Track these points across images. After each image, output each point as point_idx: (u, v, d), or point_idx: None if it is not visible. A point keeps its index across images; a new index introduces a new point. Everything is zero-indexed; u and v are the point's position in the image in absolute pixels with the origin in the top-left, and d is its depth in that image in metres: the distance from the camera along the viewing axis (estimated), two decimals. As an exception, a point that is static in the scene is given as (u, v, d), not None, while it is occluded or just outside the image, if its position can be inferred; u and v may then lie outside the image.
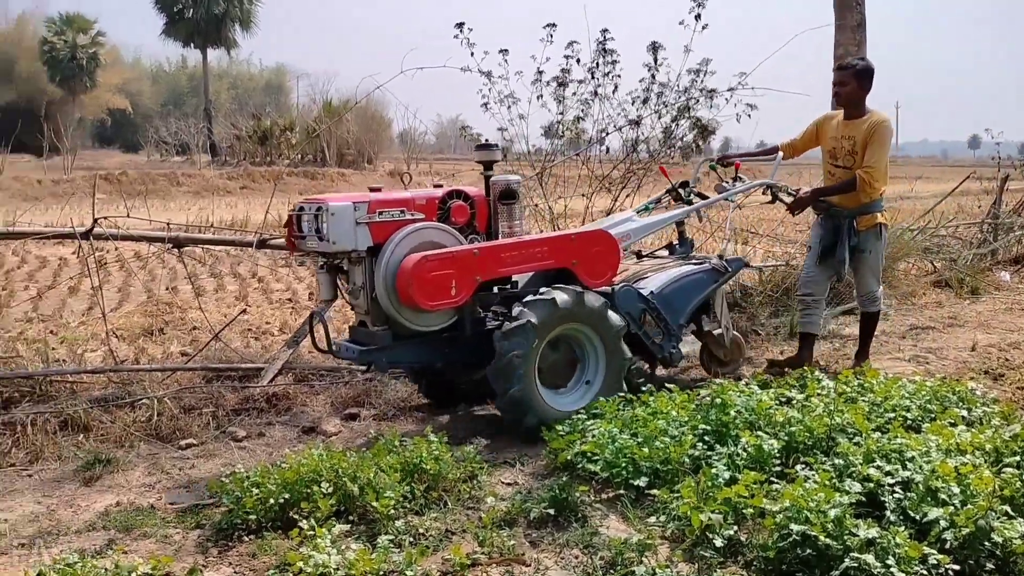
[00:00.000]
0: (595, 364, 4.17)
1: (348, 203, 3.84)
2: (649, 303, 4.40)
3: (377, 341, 3.98)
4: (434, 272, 3.80)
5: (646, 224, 4.77)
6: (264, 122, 32.55)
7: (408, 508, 3.18)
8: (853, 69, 4.94)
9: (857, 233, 4.95)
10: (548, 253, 4.14)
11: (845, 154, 4.96)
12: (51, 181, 23.79)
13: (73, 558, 2.62)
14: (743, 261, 5.07)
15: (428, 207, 4.04)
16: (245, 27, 42.65)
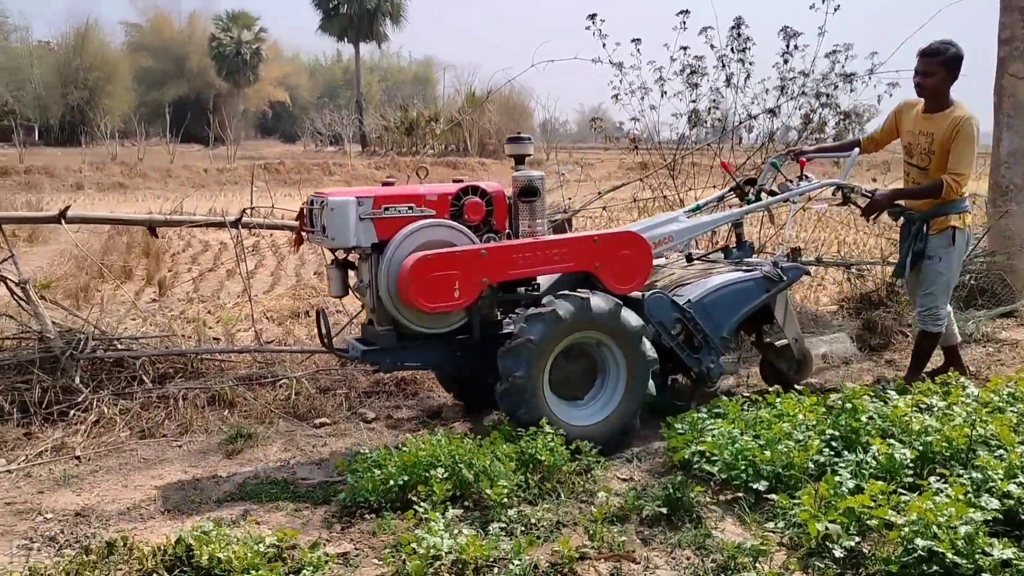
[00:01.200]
0: (615, 371, 3.86)
1: (349, 198, 3.68)
2: (685, 312, 4.06)
3: (382, 341, 3.81)
4: (435, 272, 3.60)
5: (693, 225, 4.38)
6: (411, 113, 33.51)
7: (521, 498, 3.23)
8: (942, 57, 4.32)
9: (925, 237, 4.46)
10: (567, 255, 3.86)
11: (921, 152, 4.45)
12: (216, 170, 25.44)
13: (208, 526, 2.82)
14: (802, 269, 4.54)
15: (440, 203, 3.82)
16: (395, 21, 44.09)
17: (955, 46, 4.36)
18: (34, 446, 3.97)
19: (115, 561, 2.73)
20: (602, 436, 3.73)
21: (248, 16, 47.03)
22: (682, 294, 4.15)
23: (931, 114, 4.40)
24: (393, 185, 3.95)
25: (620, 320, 3.77)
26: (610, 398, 3.85)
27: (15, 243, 9.62)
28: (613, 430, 3.81)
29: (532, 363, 3.61)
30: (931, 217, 4.44)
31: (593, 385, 3.90)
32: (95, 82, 40.54)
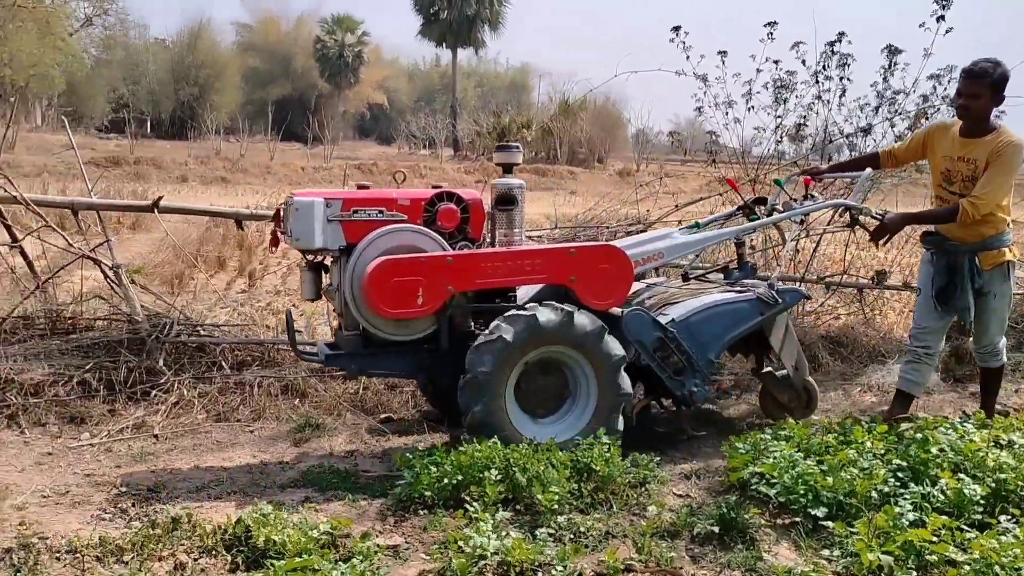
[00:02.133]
0: (585, 396, 3.73)
1: (316, 199, 3.62)
2: (667, 332, 3.87)
3: (347, 347, 3.78)
4: (397, 278, 3.53)
5: (686, 243, 4.16)
6: (503, 119, 33.81)
7: (573, 505, 3.23)
8: (989, 79, 3.98)
9: (981, 273, 4.14)
10: (540, 267, 3.74)
11: (963, 180, 4.11)
12: (312, 168, 26.20)
13: (267, 509, 2.93)
14: (801, 292, 4.36)
15: (412, 209, 3.75)
16: (494, 28, 44.54)
17: (1002, 66, 4.05)
18: (116, 423, 4.20)
19: (178, 536, 2.86)
20: None
21: (352, 20, 48.33)
22: (667, 313, 3.97)
23: (972, 139, 4.07)
24: (368, 189, 3.88)
25: (601, 344, 3.65)
26: (574, 423, 3.72)
27: (120, 230, 10.17)
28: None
29: (499, 362, 3.54)
30: (980, 251, 4.14)
31: (562, 405, 3.79)
32: (205, 79, 42.34)
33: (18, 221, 6.10)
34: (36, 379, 4.33)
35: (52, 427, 4.14)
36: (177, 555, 2.76)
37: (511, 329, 3.55)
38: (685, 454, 4.06)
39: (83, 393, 4.37)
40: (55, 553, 2.75)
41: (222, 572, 2.69)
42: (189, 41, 43.51)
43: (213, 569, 2.70)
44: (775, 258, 6.34)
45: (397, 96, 54.51)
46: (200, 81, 42.08)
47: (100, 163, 20.29)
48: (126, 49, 40.69)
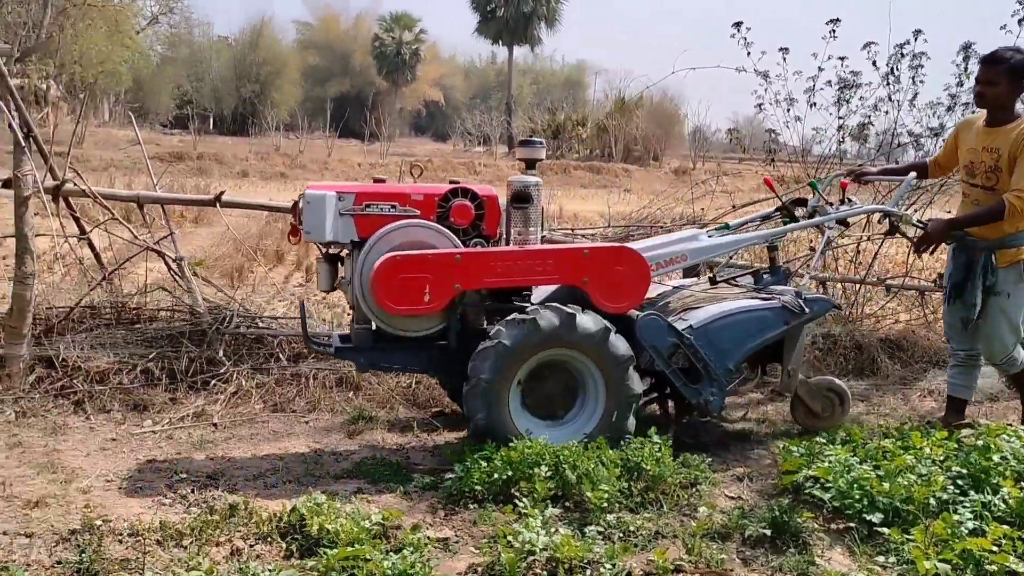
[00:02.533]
0: (593, 397, 3.66)
1: (327, 192, 3.63)
2: (683, 338, 3.74)
3: (357, 340, 3.78)
4: (404, 274, 3.51)
5: (710, 246, 4.06)
6: (558, 117, 33.76)
7: (622, 504, 3.23)
8: (1006, 64, 3.88)
9: (995, 271, 3.95)
10: (553, 267, 3.69)
11: (986, 171, 3.99)
12: (369, 164, 26.51)
13: (321, 498, 2.99)
14: (830, 302, 4.18)
15: (426, 204, 3.71)
16: (550, 25, 44.53)
17: (1021, 52, 3.94)
18: (177, 411, 4.32)
19: (236, 522, 2.94)
20: None
21: (410, 17, 48.75)
22: (686, 318, 3.84)
23: (995, 128, 3.95)
24: (384, 183, 3.87)
25: (606, 345, 3.56)
26: (584, 424, 3.66)
27: (183, 224, 10.44)
28: None
29: (500, 368, 3.48)
30: (998, 247, 3.95)
31: (572, 407, 3.72)
32: (266, 77, 43.16)
33: (86, 214, 6.31)
34: (101, 367, 4.49)
35: (116, 414, 4.28)
36: (234, 541, 2.84)
37: (511, 334, 3.49)
38: (737, 456, 4.02)
39: (146, 381, 4.50)
40: (118, 536, 2.84)
41: (277, 559, 2.75)
42: (251, 39, 44.39)
43: (268, 555, 2.77)
44: (835, 260, 6.22)
45: (453, 93, 54.83)
46: (261, 78, 42.90)
47: (164, 158, 20.80)
48: (190, 47, 41.71)
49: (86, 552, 2.62)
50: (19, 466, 3.58)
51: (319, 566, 2.61)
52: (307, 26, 52.74)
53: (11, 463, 3.62)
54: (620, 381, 3.61)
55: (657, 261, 3.90)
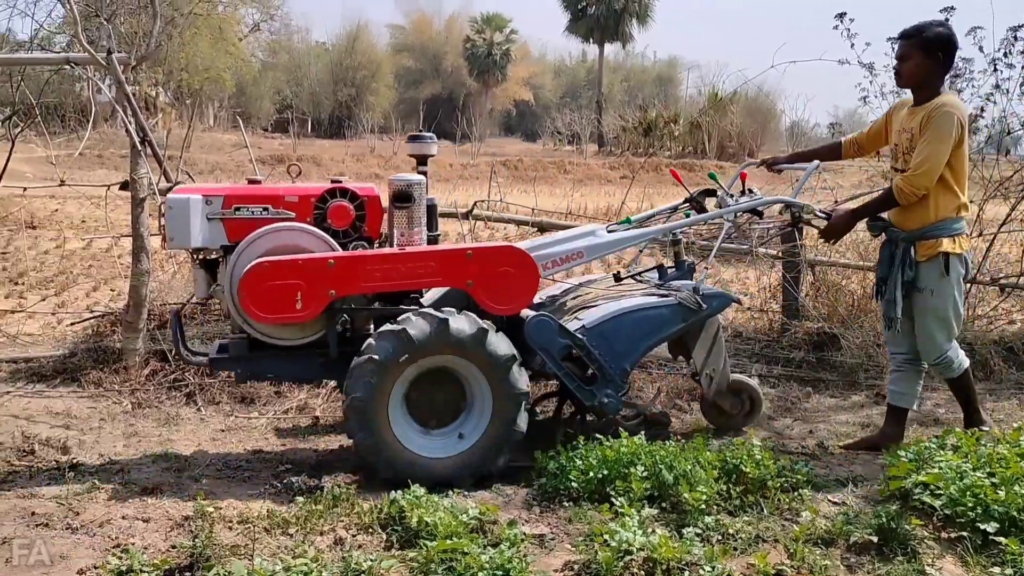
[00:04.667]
0: (480, 401, 3.47)
1: (192, 196, 3.44)
2: (575, 339, 3.58)
3: (234, 350, 3.60)
4: (273, 281, 3.32)
5: (607, 242, 3.87)
6: (650, 114, 33.41)
7: (721, 507, 3.18)
8: (918, 37, 3.68)
9: (913, 265, 3.73)
10: (435, 270, 3.49)
11: (902, 152, 3.77)
12: (460, 165, 26.83)
13: (420, 492, 3.05)
14: (729, 297, 3.95)
15: (301, 206, 3.53)
16: (641, 22, 44.08)
17: (939, 27, 3.71)
18: (282, 404, 4.47)
19: (338, 513, 3.03)
20: (456, 471, 3.41)
21: (501, 18, 49.05)
22: (580, 318, 3.69)
23: (916, 108, 3.74)
24: (259, 184, 3.70)
25: (485, 346, 3.37)
26: (473, 430, 3.48)
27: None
28: (470, 466, 3.43)
29: (374, 385, 3.30)
30: (917, 239, 3.73)
31: (459, 413, 3.54)
32: (361, 80, 44.17)
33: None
34: (211, 361, 4.68)
35: (225, 406, 4.47)
36: (337, 530, 2.92)
37: (381, 347, 3.31)
38: (839, 460, 3.91)
39: (252, 375, 4.67)
40: (228, 523, 2.96)
41: (378, 549, 2.81)
42: (347, 44, 45.50)
43: (370, 545, 2.84)
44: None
45: (542, 92, 54.88)
46: (357, 82, 43.93)
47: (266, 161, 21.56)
48: (290, 53, 43.04)
49: (199, 537, 2.74)
50: (136, 454, 3.78)
51: (419, 557, 2.66)
52: (400, 30, 53.73)
53: (129, 451, 3.82)
54: (504, 380, 3.41)
55: (552, 259, 3.76)
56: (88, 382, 4.66)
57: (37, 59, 5.73)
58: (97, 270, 7.99)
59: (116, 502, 3.17)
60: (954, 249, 3.71)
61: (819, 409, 4.79)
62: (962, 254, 3.76)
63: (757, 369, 5.24)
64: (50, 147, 6.92)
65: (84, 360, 4.79)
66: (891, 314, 3.81)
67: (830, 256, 6.08)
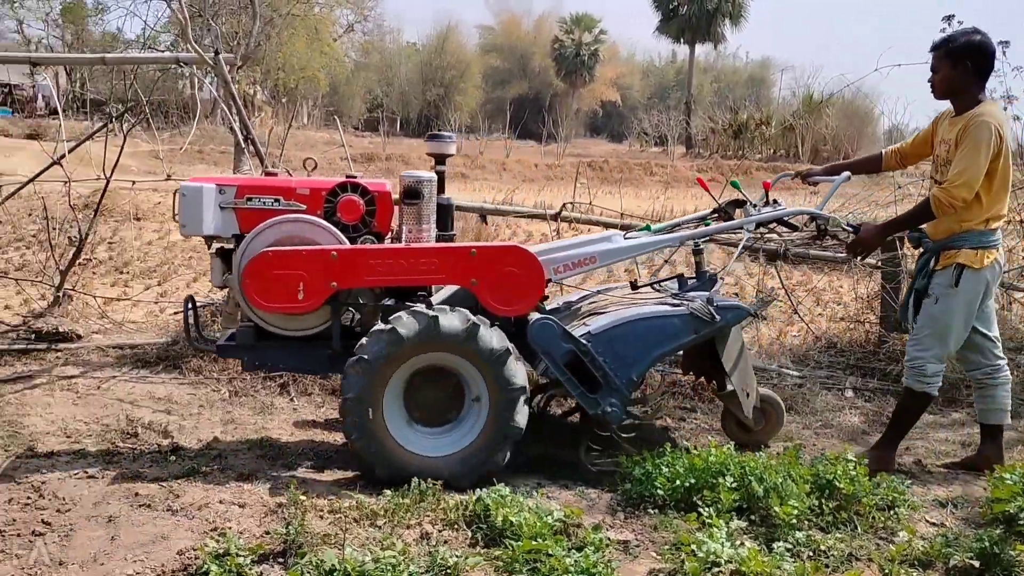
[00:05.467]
0: (478, 393, 3.43)
1: (205, 184, 3.52)
2: (579, 344, 3.48)
3: (241, 338, 3.64)
4: (276, 271, 3.38)
5: (621, 248, 3.79)
6: (740, 116, 32.79)
7: (812, 522, 3.10)
8: (944, 49, 3.60)
9: (930, 274, 3.68)
10: (439, 267, 3.50)
11: (941, 164, 3.68)
12: (546, 165, 26.88)
13: (505, 491, 3.06)
14: (745, 309, 3.77)
15: (312, 199, 3.57)
16: (734, 22, 43.27)
17: (968, 35, 3.61)
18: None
19: (424, 507, 3.07)
20: (455, 470, 3.36)
21: (591, 18, 48.89)
22: (589, 324, 3.60)
23: (955, 119, 3.65)
24: (274, 176, 3.73)
25: (477, 341, 3.32)
26: (471, 428, 3.43)
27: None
28: (469, 464, 3.38)
29: (366, 385, 3.29)
30: (941, 249, 3.66)
31: (460, 411, 3.49)
32: (450, 80, 44.72)
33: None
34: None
35: (316, 397, 4.59)
36: (423, 525, 2.97)
37: (372, 348, 3.30)
38: (939, 480, 3.76)
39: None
40: (319, 511, 3.04)
41: (463, 545, 2.84)
42: (437, 44, 46.12)
43: (455, 541, 2.87)
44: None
45: (630, 93, 54.47)
46: (445, 82, 44.49)
47: (356, 159, 22.06)
48: (382, 53, 43.90)
49: (292, 524, 2.82)
50: (233, 440, 3.92)
51: (504, 556, 2.68)
52: (490, 30, 54.16)
53: (226, 437, 3.96)
54: (499, 376, 3.35)
55: (564, 263, 3.70)
56: (188, 369, 4.85)
57: (149, 58, 6.00)
58: (197, 261, 8.31)
59: (214, 486, 3.29)
60: (972, 263, 3.59)
61: (917, 426, 4.60)
62: (982, 270, 3.60)
63: (851, 382, 5.09)
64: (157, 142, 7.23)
65: (185, 348, 4.98)
66: (904, 318, 3.76)
67: None
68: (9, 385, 4.55)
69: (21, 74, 34.95)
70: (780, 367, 5.20)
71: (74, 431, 3.98)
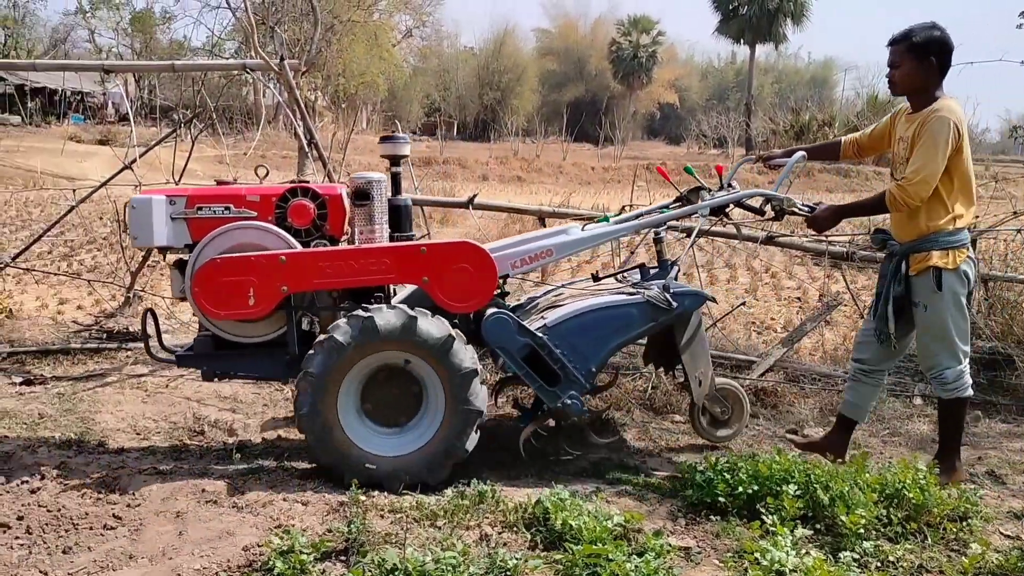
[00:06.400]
0: (433, 389, 3.40)
1: (154, 196, 3.50)
2: (536, 338, 3.46)
3: (198, 347, 3.66)
4: (225, 277, 3.38)
5: (578, 239, 3.74)
6: (802, 116, 32.19)
7: (880, 532, 3.01)
8: (907, 43, 3.51)
9: (903, 279, 3.56)
10: (390, 266, 3.46)
11: (900, 162, 3.59)
12: (602, 168, 26.80)
13: (565, 494, 3.05)
14: (703, 295, 3.73)
15: (263, 205, 3.56)
16: (797, 22, 42.53)
17: (930, 29, 3.52)
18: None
19: (484, 509, 3.07)
20: (422, 466, 3.34)
21: (648, 20, 48.60)
22: (544, 317, 3.58)
23: (912, 115, 3.56)
24: (225, 185, 3.74)
25: (417, 333, 3.29)
26: (431, 421, 3.41)
27: (432, 223, 11.11)
28: (435, 458, 3.36)
29: (316, 397, 3.28)
30: (910, 252, 3.55)
31: (419, 405, 3.46)
32: (507, 84, 44.94)
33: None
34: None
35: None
36: (482, 526, 2.97)
37: (313, 361, 3.30)
38: (1015, 491, 3.63)
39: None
40: (379, 511, 3.07)
41: (522, 548, 2.84)
42: (494, 48, 46.36)
43: (514, 544, 2.87)
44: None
45: (689, 95, 54.00)
46: (502, 86, 44.72)
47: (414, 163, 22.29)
48: (439, 58, 44.30)
49: (353, 523, 2.85)
50: (296, 439, 3.98)
51: (564, 560, 2.67)
52: (546, 33, 54.25)
53: (289, 436, 4.03)
54: (447, 362, 3.34)
55: (519, 258, 3.67)
56: (252, 369, 4.95)
57: (216, 65, 6.14)
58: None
59: (277, 484, 3.35)
60: (946, 264, 3.50)
61: (989, 434, 4.47)
62: (957, 268, 3.51)
63: (920, 389, 4.95)
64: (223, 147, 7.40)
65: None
66: (884, 330, 3.66)
67: (1007, 271, 5.65)
68: (82, 383, 4.70)
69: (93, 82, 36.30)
70: (846, 373, 5.07)
71: (143, 428, 4.09)
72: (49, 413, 4.23)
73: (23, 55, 35.70)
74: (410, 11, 34.50)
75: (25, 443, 3.74)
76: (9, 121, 28.63)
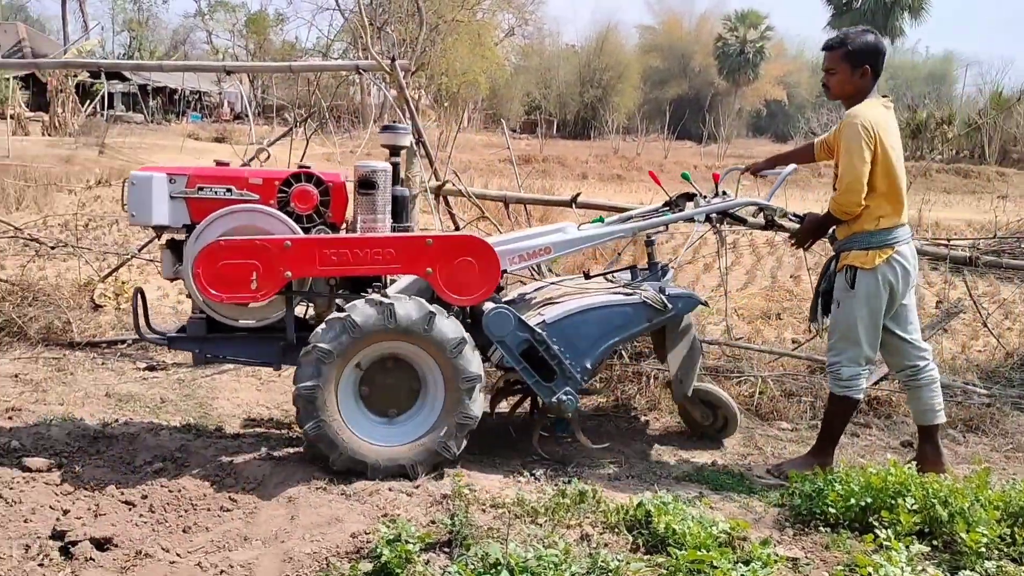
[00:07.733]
0: (434, 386, 3.40)
1: (155, 174, 3.46)
2: (535, 333, 3.50)
3: (191, 330, 3.62)
4: (228, 260, 3.33)
5: (575, 239, 3.78)
6: (919, 114, 30.75)
7: (1003, 552, 2.86)
8: (843, 49, 3.53)
9: (831, 275, 3.67)
10: (394, 256, 3.44)
11: (834, 167, 3.60)
12: (704, 167, 26.26)
13: (668, 498, 3.01)
14: (696, 298, 3.79)
15: (265, 189, 3.52)
16: (914, 15, 40.72)
17: (863, 35, 3.57)
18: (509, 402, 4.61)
19: (585, 508, 3.08)
20: (407, 461, 3.35)
21: (756, 14, 47.36)
22: (543, 313, 3.60)
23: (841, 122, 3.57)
24: (227, 166, 3.70)
25: (433, 329, 3.30)
26: (427, 417, 3.42)
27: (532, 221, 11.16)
28: (424, 454, 3.37)
29: (321, 374, 3.27)
30: (839, 250, 3.62)
31: (415, 400, 3.46)
32: (608, 81, 44.61)
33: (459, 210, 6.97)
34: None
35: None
36: (583, 526, 2.97)
37: (326, 336, 3.28)
38: None
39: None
40: (481, 505, 3.10)
41: (624, 550, 2.82)
42: (596, 46, 46.11)
43: (616, 545, 2.85)
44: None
45: (797, 91, 52.30)
46: (603, 83, 44.42)
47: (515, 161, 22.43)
48: (540, 56, 44.38)
49: (456, 515, 2.89)
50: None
51: (667, 564, 2.64)
52: (650, 30, 53.57)
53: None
54: (453, 363, 3.35)
55: (518, 254, 3.71)
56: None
57: (331, 65, 6.34)
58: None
59: (383, 474, 3.43)
60: (863, 263, 3.50)
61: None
62: (875, 268, 3.49)
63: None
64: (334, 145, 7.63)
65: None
66: (814, 323, 3.82)
67: None
68: (200, 371, 4.93)
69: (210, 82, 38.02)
70: (966, 384, 4.84)
71: (258, 415, 4.26)
72: (170, 398, 4.45)
73: (147, 56, 37.73)
74: (513, 10, 34.71)
75: (148, 426, 3.95)
76: (132, 119, 30.27)
